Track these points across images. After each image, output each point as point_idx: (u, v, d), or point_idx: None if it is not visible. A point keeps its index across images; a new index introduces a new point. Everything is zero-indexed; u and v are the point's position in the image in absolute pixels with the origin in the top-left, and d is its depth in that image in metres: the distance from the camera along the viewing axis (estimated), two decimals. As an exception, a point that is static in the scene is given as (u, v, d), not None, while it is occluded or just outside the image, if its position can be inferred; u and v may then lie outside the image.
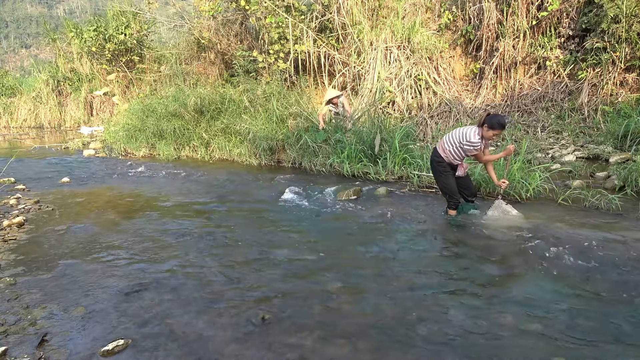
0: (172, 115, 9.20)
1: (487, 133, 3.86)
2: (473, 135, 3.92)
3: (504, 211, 4.18)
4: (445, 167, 4.25)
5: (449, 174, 4.27)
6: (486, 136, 3.90)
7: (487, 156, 4.17)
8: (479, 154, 4.06)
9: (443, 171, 4.27)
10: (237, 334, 2.52)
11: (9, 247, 4.08)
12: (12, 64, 65.71)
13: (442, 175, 4.29)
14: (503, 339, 2.38)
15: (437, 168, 4.30)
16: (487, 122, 3.83)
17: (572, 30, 8.38)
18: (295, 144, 7.34)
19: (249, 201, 5.51)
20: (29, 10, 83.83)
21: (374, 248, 3.79)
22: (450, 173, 4.27)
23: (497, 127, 3.79)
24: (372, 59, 9.47)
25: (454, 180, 4.30)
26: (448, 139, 4.14)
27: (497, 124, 3.78)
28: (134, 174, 7.57)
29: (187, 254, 3.75)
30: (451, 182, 4.29)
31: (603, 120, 7.27)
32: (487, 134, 3.86)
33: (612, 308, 2.64)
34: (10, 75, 22.13)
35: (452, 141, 4.09)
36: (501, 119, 3.80)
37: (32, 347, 2.45)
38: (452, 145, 4.10)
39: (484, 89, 9.17)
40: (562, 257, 3.35)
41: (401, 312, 2.69)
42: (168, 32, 16.06)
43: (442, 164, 4.25)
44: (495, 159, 4.19)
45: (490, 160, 4.20)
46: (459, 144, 4.03)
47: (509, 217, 4.15)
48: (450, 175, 4.27)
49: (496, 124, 3.78)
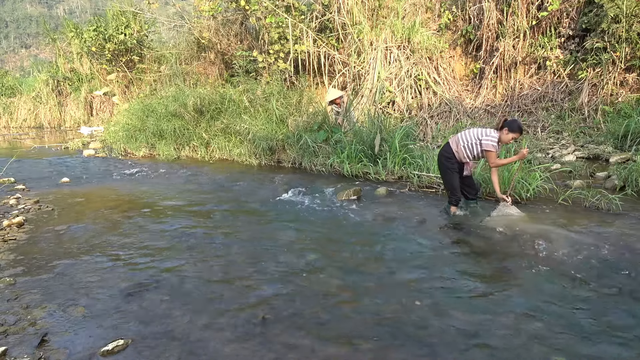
0: (172, 115, 9.20)
1: (506, 136, 3.95)
2: (494, 132, 4.03)
3: (507, 214, 4.16)
4: (453, 164, 4.26)
5: (455, 172, 4.29)
6: (504, 140, 3.98)
7: (500, 160, 4.19)
8: (493, 154, 4.08)
9: (450, 168, 4.30)
10: (237, 334, 2.52)
11: (9, 247, 4.08)
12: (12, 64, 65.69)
13: (447, 173, 4.34)
14: (503, 339, 2.38)
15: (444, 164, 4.33)
16: (507, 126, 3.93)
17: (572, 30, 8.38)
18: (295, 144, 7.34)
19: (248, 201, 5.50)
20: (29, 10, 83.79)
21: (373, 248, 3.79)
22: (456, 172, 4.29)
23: (517, 130, 3.91)
24: (372, 59, 9.48)
25: (458, 179, 4.33)
26: (465, 134, 4.18)
27: (518, 128, 3.91)
28: (134, 174, 7.56)
29: (187, 254, 3.75)
30: (455, 181, 4.33)
31: (603, 120, 7.27)
32: (506, 137, 3.94)
33: (612, 308, 2.64)
34: (10, 75, 22.11)
35: (470, 137, 4.12)
36: (520, 124, 3.96)
37: (32, 347, 2.45)
38: (468, 141, 4.13)
39: (484, 89, 9.17)
40: (562, 257, 3.35)
41: (401, 312, 2.69)
42: (168, 32, 16.08)
43: (450, 161, 4.26)
44: (507, 162, 4.20)
45: (502, 164, 4.19)
46: (477, 140, 4.07)
47: (509, 217, 4.15)
48: (456, 174, 4.30)
49: (517, 127, 3.91)
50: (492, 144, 4.00)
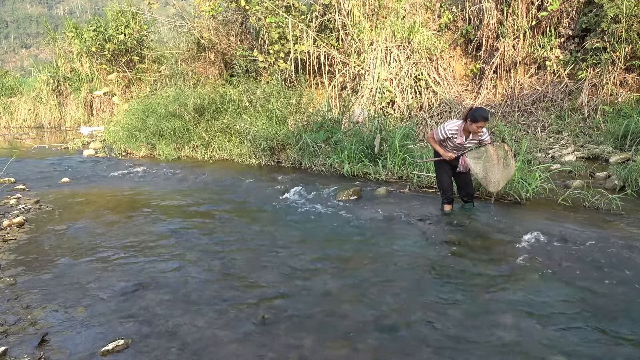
0: (172, 115, 9.20)
1: (471, 127, 3.93)
2: (452, 124, 4.07)
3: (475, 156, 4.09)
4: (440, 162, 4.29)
5: (443, 169, 4.31)
6: (471, 130, 3.95)
7: (434, 143, 4.21)
8: (430, 139, 4.21)
9: (437, 165, 4.35)
10: (237, 334, 2.52)
11: (9, 247, 4.09)
12: (12, 64, 65.72)
13: (437, 172, 4.39)
14: (503, 339, 2.38)
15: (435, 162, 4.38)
16: (469, 116, 3.90)
17: (572, 30, 8.38)
18: (295, 144, 7.34)
19: (248, 201, 5.51)
20: (29, 10, 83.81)
21: (373, 248, 3.79)
22: (444, 169, 4.30)
23: (480, 119, 3.84)
24: (372, 59, 9.48)
25: (448, 177, 4.33)
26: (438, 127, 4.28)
27: (480, 117, 3.84)
28: (134, 174, 7.56)
29: (187, 254, 3.75)
30: (443, 179, 4.35)
31: (603, 120, 7.27)
32: (472, 127, 3.92)
33: (612, 308, 2.64)
34: (10, 75, 22.09)
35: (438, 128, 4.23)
36: (483, 112, 3.87)
37: (32, 347, 2.45)
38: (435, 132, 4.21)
39: (484, 89, 9.17)
40: (561, 257, 3.35)
41: (401, 312, 2.69)
42: (168, 32, 16.06)
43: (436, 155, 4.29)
44: (434, 147, 4.22)
45: (432, 145, 4.24)
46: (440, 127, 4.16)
47: (509, 217, 4.15)
48: (445, 172, 4.32)
49: (478, 116, 3.84)
50: (439, 133, 4.08)
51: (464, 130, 4.01)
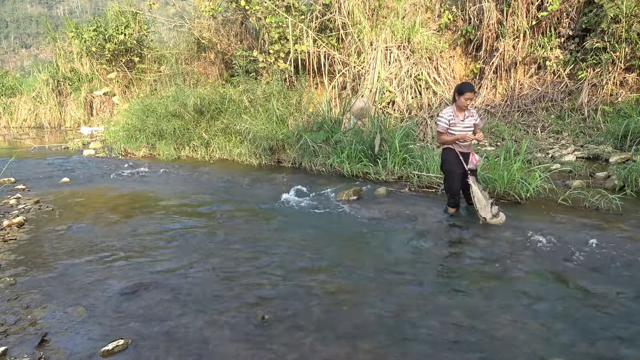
0: (172, 115, 9.20)
1: (459, 101, 4.06)
2: (445, 110, 4.23)
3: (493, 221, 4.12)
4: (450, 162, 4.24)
5: (455, 174, 4.27)
6: (462, 105, 4.07)
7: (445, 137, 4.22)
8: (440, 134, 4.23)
9: (448, 170, 4.31)
10: (237, 334, 2.52)
11: (9, 247, 4.09)
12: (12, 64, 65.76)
13: (449, 175, 4.34)
14: (503, 339, 2.38)
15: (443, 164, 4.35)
16: (456, 91, 4.08)
17: (572, 30, 8.39)
18: (296, 144, 7.34)
19: (248, 201, 5.51)
20: (29, 10, 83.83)
21: (373, 248, 3.80)
22: (456, 174, 4.26)
23: (466, 90, 4.00)
24: (372, 59, 9.48)
25: (458, 182, 4.30)
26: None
27: (465, 88, 4.02)
28: (134, 174, 7.56)
29: (187, 254, 3.75)
30: (454, 183, 4.32)
31: (603, 120, 7.28)
32: (461, 102, 4.05)
33: (612, 307, 2.64)
34: (10, 75, 22.11)
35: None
36: (467, 84, 4.08)
37: (32, 347, 2.45)
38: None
39: (484, 89, 9.18)
40: (562, 257, 3.35)
41: (401, 312, 2.69)
42: (168, 32, 16.08)
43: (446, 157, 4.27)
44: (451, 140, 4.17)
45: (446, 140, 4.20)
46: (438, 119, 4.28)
47: (509, 217, 4.15)
48: (456, 176, 4.28)
49: (464, 87, 4.03)
50: (441, 124, 4.18)
51: (458, 109, 4.16)
